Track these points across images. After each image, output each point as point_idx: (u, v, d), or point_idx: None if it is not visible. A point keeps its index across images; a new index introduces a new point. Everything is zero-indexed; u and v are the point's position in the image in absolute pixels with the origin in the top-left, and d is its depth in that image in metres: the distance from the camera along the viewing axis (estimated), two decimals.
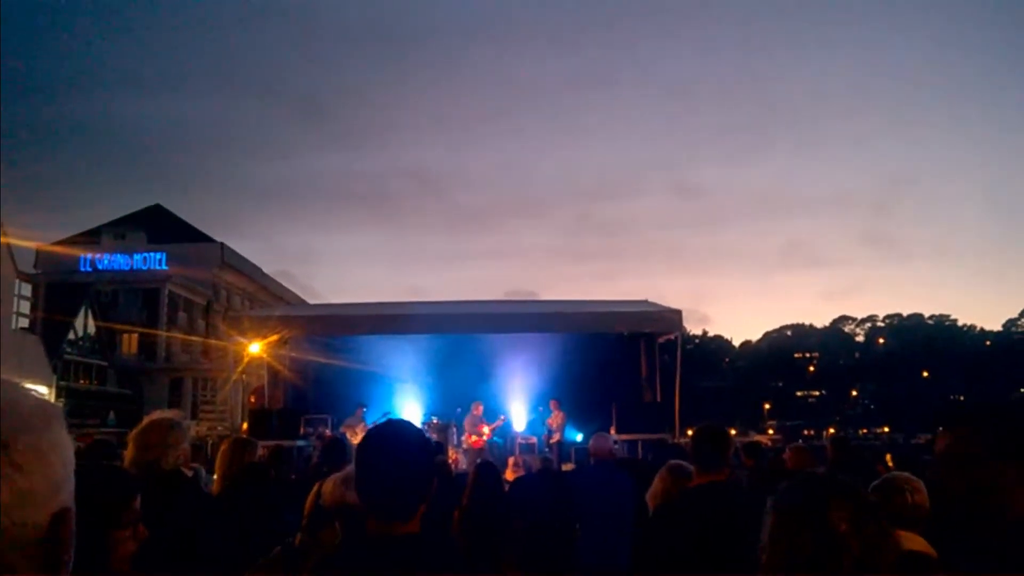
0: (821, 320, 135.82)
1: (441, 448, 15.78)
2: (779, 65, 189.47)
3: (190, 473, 5.44)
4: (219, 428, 38.95)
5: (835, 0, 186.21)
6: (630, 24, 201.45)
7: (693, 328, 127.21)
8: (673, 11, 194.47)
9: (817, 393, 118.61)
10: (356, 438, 15.73)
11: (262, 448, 6.25)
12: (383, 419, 10.62)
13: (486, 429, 16.49)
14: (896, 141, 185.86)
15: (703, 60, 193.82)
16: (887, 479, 3.91)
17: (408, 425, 2.36)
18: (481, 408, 16.73)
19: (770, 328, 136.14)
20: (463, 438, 16.73)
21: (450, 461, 15.18)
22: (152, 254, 47.53)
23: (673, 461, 4.77)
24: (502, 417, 17.05)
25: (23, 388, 1.06)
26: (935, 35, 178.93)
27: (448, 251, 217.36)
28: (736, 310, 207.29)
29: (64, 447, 1.05)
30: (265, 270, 61.36)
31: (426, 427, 16.92)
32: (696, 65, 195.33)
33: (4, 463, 0.96)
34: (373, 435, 2.31)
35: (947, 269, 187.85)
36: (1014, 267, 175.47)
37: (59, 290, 43.31)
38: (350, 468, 3.85)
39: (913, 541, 3.31)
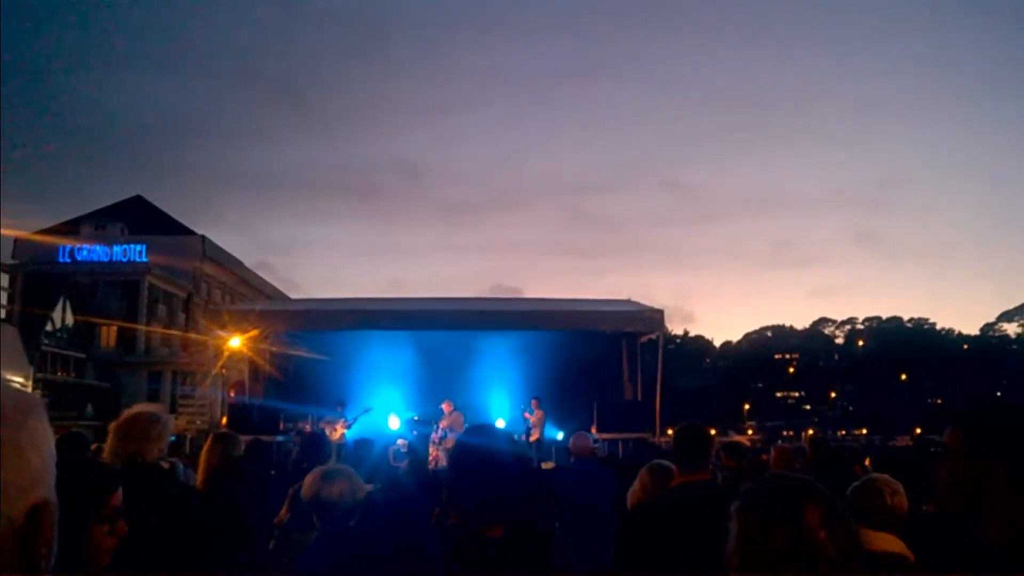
0: (802, 321, 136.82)
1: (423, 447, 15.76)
2: (771, 63, 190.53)
3: (167, 466, 5.42)
4: (198, 422, 38.86)
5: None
6: (622, 18, 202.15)
7: (677, 326, 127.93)
8: (666, 6, 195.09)
9: (797, 394, 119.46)
10: (335, 435, 15.66)
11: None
12: (364, 414, 10.52)
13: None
14: (884, 143, 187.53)
15: (695, 56, 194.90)
16: (866, 480, 3.95)
17: (500, 432, 2.49)
18: (447, 406, 16.58)
19: (754, 326, 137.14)
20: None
21: (431, 458, 15.16)
22: (132, 246, 47.19)
23: (655, 460, 4.78)
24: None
25: (0, 379, 1.04)
26: (929, 35, 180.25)
27: (433, 244, 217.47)
28: (723, 308, 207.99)
29: (43, 439, 1.03)
30: (246, 262, 61.22)
31: (409, 424, 16.90)
32: (688, 61, 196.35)
33: None
34: (466, 440, 2.51)
35: (927, 272, 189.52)
36: (992, 271, 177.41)
37: (37, 281, 42.95)
38: (336, 465, 3.86)
39: (889, 542, 3.33)
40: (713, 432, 4.41)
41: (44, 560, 1.01)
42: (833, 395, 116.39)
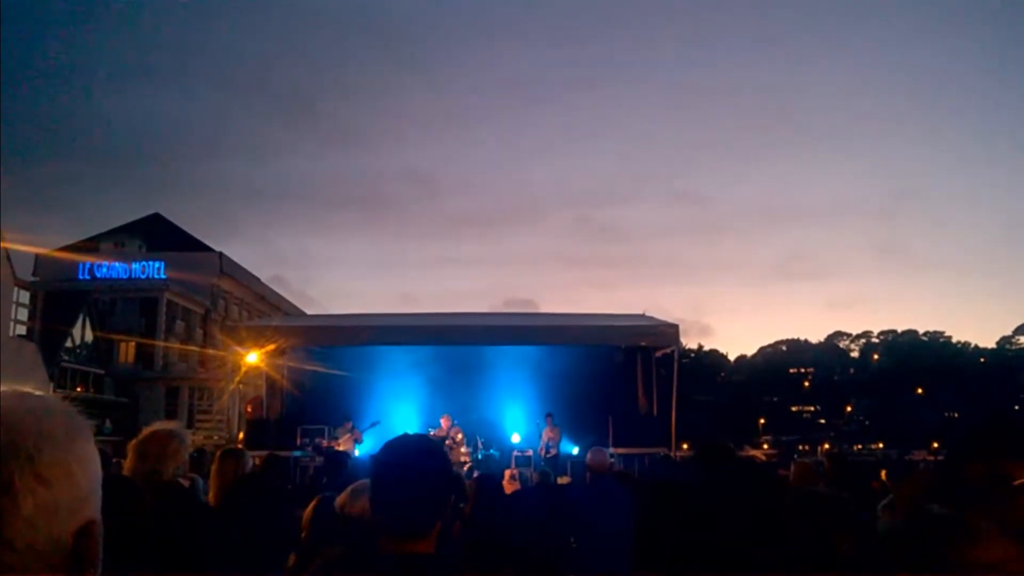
0: (817, 335, 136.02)
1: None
2: (785, 72, 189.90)
3: (187, 483, 5.46)
4: (215, 437, 38.86)
5: (841, 6, 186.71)
6: (632, 28, 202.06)
7: (693, 339, 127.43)
8: (676, 15, 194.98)
9: (812, 408, 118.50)
10: (341, 448, 15.68)
11: (256, 458, 6.26)
12: (371, 428, 10.55)
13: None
14: (900, 153, 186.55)
15: (709, 65, 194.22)
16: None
17: (425, 438, 2.28)
18: (445, 422, 16.62)
19: (769, 339, 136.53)
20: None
21: None
22: (151, 263, 47.51)
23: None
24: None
25: (50, 399, 1.07)
26: (947, 45, 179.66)
27: (445, 257, 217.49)
28: (738, 321, 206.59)
29: (90, 460, 1.06)
30: (260, 275, 61.47)
31: None
32: (701, 70, 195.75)
33: (29, 476, 0.96)
34: (388, 449, 2.22)
35: (943, 285, 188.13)
36: (1009, 284, 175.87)
37: (57, 298, 43.26)
38: (364, 480, 3.84)
39: None
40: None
41: None
42: (849, 409, 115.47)
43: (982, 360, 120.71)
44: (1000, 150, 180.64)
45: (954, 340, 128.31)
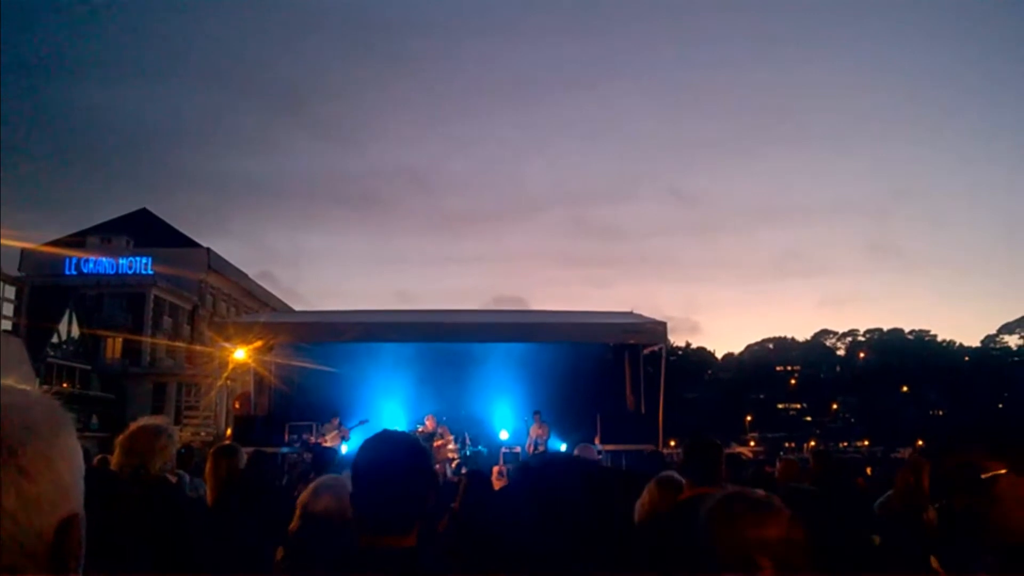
0: (803, 333, 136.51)
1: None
2: (779, 70, 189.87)
3: (174, 479, 5.43)
4: (203, 434, 38.83)
5: (836, 6, 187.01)
6: (626, 26, 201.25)
7: (681, 337, 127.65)
8: (671, 14, 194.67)
9: (798, 406, 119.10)
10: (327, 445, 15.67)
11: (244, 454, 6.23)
12: (359, 426, 10.53)
13: None
14: (894, 152, 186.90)
15: (701, 63, 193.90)
16: None
17: (405, 435, 2.30)
18: (430, 421, 16.61)
19: (759, 337, 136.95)
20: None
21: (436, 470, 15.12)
22: (138, 258, 47.40)
23: (663, 473, 4.77)
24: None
25: (32, 393, 1.07)
26: (941, 45, 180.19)
27: (436, 254, 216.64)
28: (729, 318, 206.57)
29: (73, 453, 1.05)
30: (250, 272, 61.40)
31: None
32: (694, 68, 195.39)
33: (11, 469, 0.95)
34: (369, 446, 2.22)
35: (931, 284, 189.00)
36: (995, 284, 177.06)
37: (43, 293, 43.11)
38: (325, 477, 3.85)
39: None
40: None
41: (73, 573, 1.03)
42: (834, 407, 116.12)
43: (966, 359, 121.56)
44: (998, 150, 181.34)
45: (939, 339, 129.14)
